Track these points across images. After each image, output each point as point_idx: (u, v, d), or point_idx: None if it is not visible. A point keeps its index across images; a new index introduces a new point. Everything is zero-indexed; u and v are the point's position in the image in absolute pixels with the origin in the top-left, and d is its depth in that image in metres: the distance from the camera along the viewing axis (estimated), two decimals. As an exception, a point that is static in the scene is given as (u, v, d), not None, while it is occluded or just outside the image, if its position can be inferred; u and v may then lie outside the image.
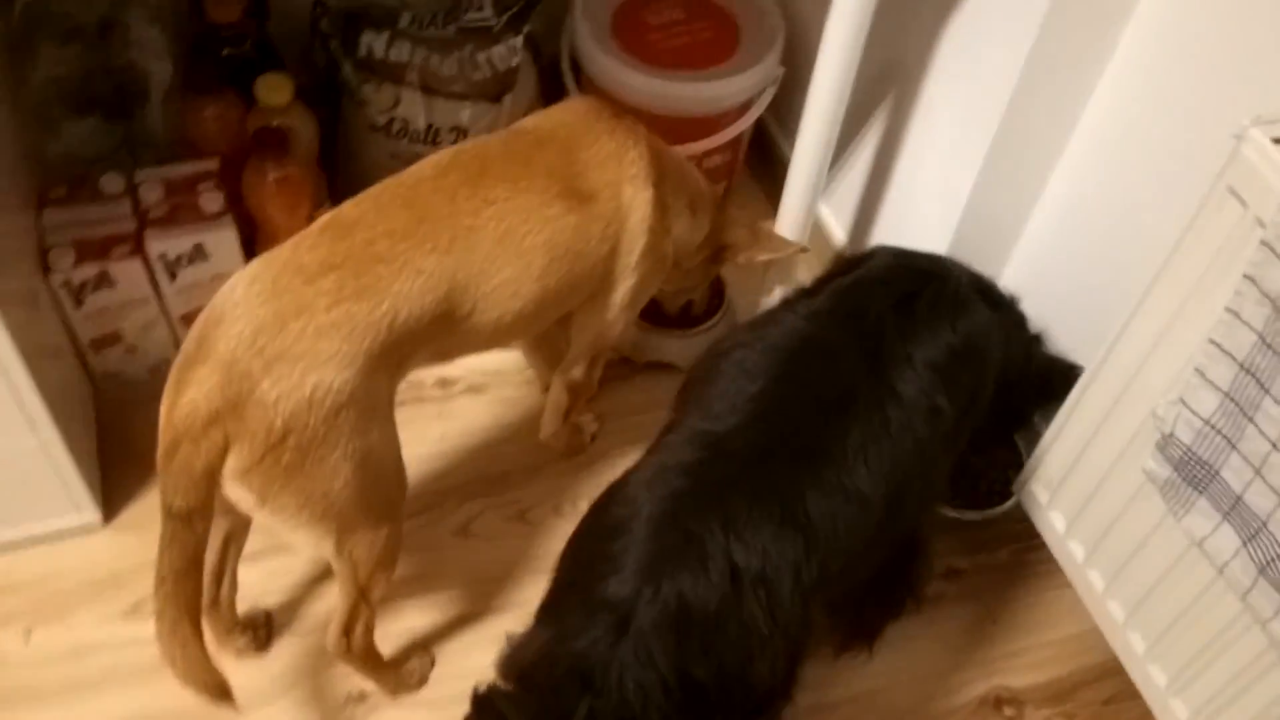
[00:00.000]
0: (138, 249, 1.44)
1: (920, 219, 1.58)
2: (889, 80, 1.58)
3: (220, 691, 1.07)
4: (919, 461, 1.06)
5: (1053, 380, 1.34)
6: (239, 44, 1.58)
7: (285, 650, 1.38)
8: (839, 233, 1.80)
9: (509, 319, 1.13)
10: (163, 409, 0.99)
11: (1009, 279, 1.53)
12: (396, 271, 1.03)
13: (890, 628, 1.40)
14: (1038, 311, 1.45)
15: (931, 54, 1.46)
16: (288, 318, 0.97)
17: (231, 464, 0.98)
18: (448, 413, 1.62)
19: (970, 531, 1.54)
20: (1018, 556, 1.55)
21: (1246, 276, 0.98)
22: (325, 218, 1.06)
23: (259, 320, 0.97)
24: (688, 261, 1.42)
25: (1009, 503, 1.48)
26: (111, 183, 1.49)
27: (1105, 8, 1.21)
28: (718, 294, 1.71)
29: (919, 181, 1.58)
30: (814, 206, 1.55)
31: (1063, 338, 1.44)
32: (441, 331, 1.08)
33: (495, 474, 1.56)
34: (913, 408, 1.05)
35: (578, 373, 1.37)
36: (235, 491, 1.01)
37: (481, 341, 1.15)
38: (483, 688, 0.98)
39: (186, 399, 0.96)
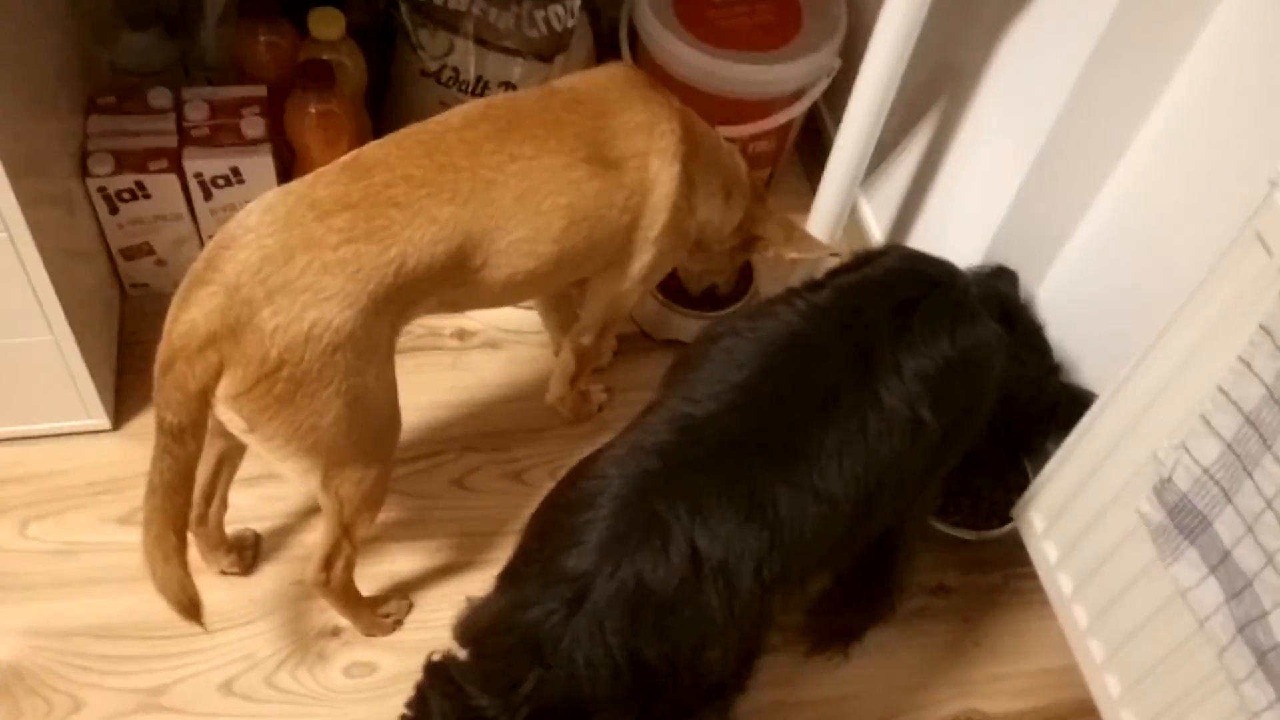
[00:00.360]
0: (175, 165, 1.46)
1: (958, 228, 1.55)
2: (942, 83, 1.55)
3: (191, 609, 1.09)
4: (895, 471, 1.04)
5: (1065, 408, 1.31)
6: (297, -26, 1.59)
7: (269, 575, 1.40)
8: (877, 232, 1.77)
9: (521, 277, 1.13)
10: (166, 323, 1.01)
11: (1040, 302, 1.49)
12: (410, 218, 1.03)
13: (870, 636, 1.40)
14: (1065, 338, 1.42)
15: (986, 62, 1.43)
16: (295, 250, 0.98)
17: (224, 388, 0.99)
18: (461, 364, 1.63)
19: (966, 550, 1.52)
20: (1011, 581, 1.53)
21: (1262, 327, 0.95)
22: (348, 156, 1.07)
23: (266, 249, 0.98)
24: (717, 246, 1.41)
25: (1006, 527, 1.45)
26: (159, 97, 1.51)
27: (1163, 38, 1.17)
28: (745, 278, 1.70)
29: (960, 190, 1.55)
30: (850, 201, 1.53)
31: (1087, 367, 1.41)
32: (451, 282, 1.08)
33: (499, 431, 1.57)
34: (893, 417, 1.03)
35: (587, 340, 1.37)
36: (226, 415, 1.02)
37: (492, 297, 1.15)
38: (437, 656, 0.99)
39: (187, 317, 0.98)
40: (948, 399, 1.07)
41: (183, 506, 1.06)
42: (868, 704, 1.41)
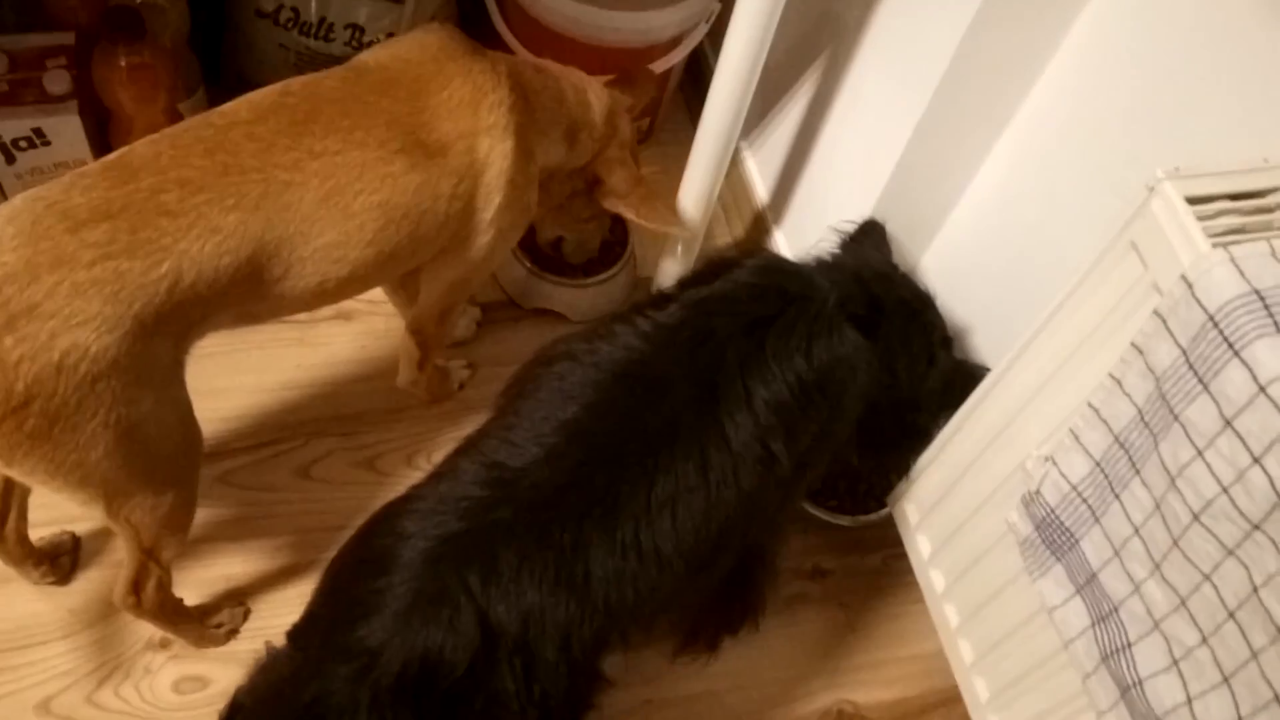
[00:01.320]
0: (-33, 127, 1.30)
1: (844, 187, 1.46)
2: (825, 35, 1.43)
3: None
4: (742, 512, 0.96)
5: (957, 385, 1.23)
6: (112, -98, 1.40)
7: (90, 582, 1.29)
8: (762, 190, 1.66)
9: (333, 284, 1.01)
10: None
11: (928, 267, 1.41)
12: (185, 228, 0.90)
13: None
14: (956, 308, 1.34)
15: (869, 15, 1.32)
16: (41, 269, 0.85)
17: None
18: (310, 339, 1.50)
19: (844, 530, 1.46)
20: (889, 564, 1.47)
21: (1134, 345, 0.87)
22: (112, 155, 0.93)
23: (7, 268, 0.85)
24: (557, 188, 1.29)
25: (884, 511, 1.39)
26: (-50, 47, 1.34)
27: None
28: (620, 242, 1.59)
29: (845, 148, 1.45)
30: (727, 154, 1.41)
31: (979, 340, 1.34)
32: (246, 296, 0.96)
33: (350, 413, 1.46)
34: (741, 455, 0.93)
35: (429, 327, 1.25)
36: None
37: (302, 305, 1.03)
38: (226, 710, 0.90)
39: None
40: (803, 427, 0.98)
41: None
42: (737, 698, 1.36)
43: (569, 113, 1.21)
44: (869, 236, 1.24)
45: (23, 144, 1.34)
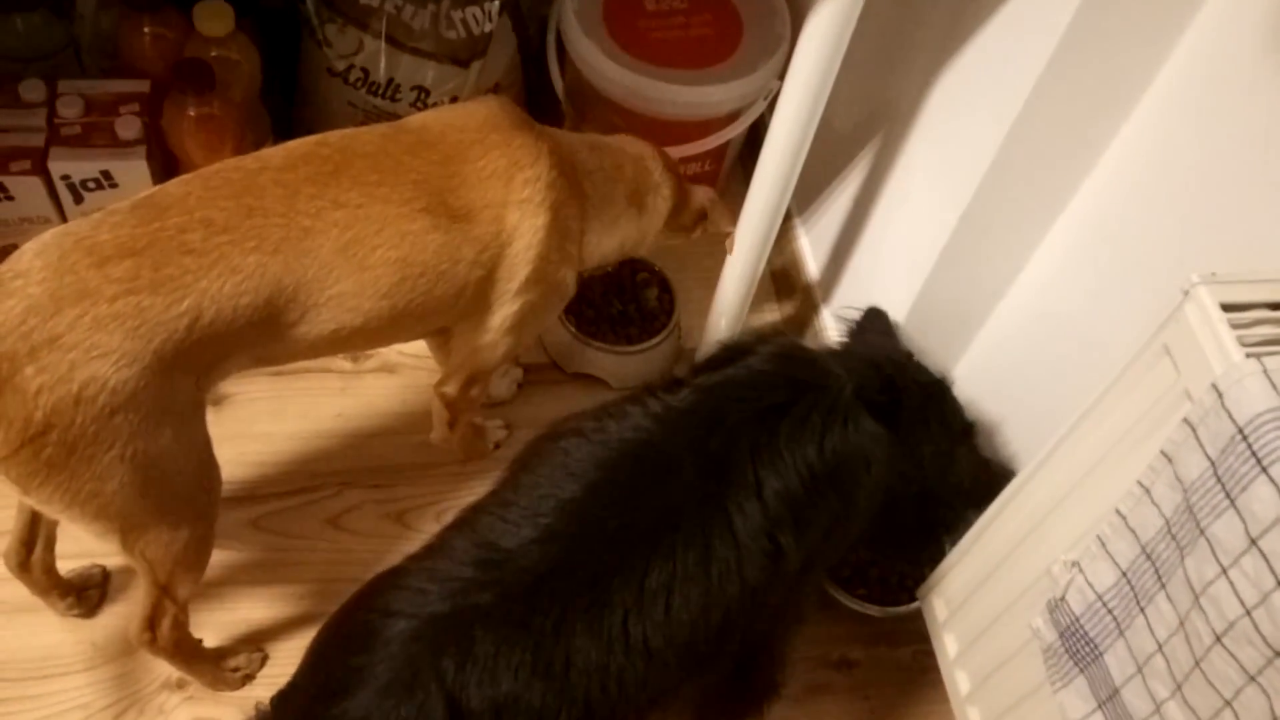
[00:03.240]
0: (40, 166, 1.35)
1: (892, 270, 1.44)
2: (880, 118, 1.43)
3: None
4: (745, 606, 0.93)
5: (982, 484, 1.20)
6: (194, -41, 1.47)
7: (116, 616, 1.30)
8: (813, 266, 1.65)
9: (347, 333, 1.02)
10: None
11: (971, 359, 1.38)
12: (207, 267, 0.92)
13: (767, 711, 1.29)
14: (991, 401, 1.31)
15: (921, 101, 1.31)
16: (65, 302, 0.87)
17: None
18: (353, 389, 1.52)
19: (874, 621, 1.42)
20: (919, 659, 1.43)
21: (1163, 453, 0.84)
22: (143, 194, 0.96)
23: (32, 299, 0.87)
24: (664, 238, 1.34)
25: (912, 605, 1.35)
26: (32, 90, 1.40)
27: (1097, 103, 1.06)
28: (666, 311, 1.59)
29: (891, 237, 1.44)
30: (771, 232, 1.39)
31: (1014, 434, 1.30)
32: (263, 337, 0.98)
33: (384, 466, 1.47)
34: (747, 548, 0.91)
35: (451, 389, 1.26)
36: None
37: (316, 351, 1.04)
38: None
39: None
40: (814, 519, 0.95)
41: None
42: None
43: (629, 185, 1.23)
44: (875, 323, 1.22)
45: (91, 185, 1.38)
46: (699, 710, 1.14)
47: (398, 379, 1.54)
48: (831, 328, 1.60)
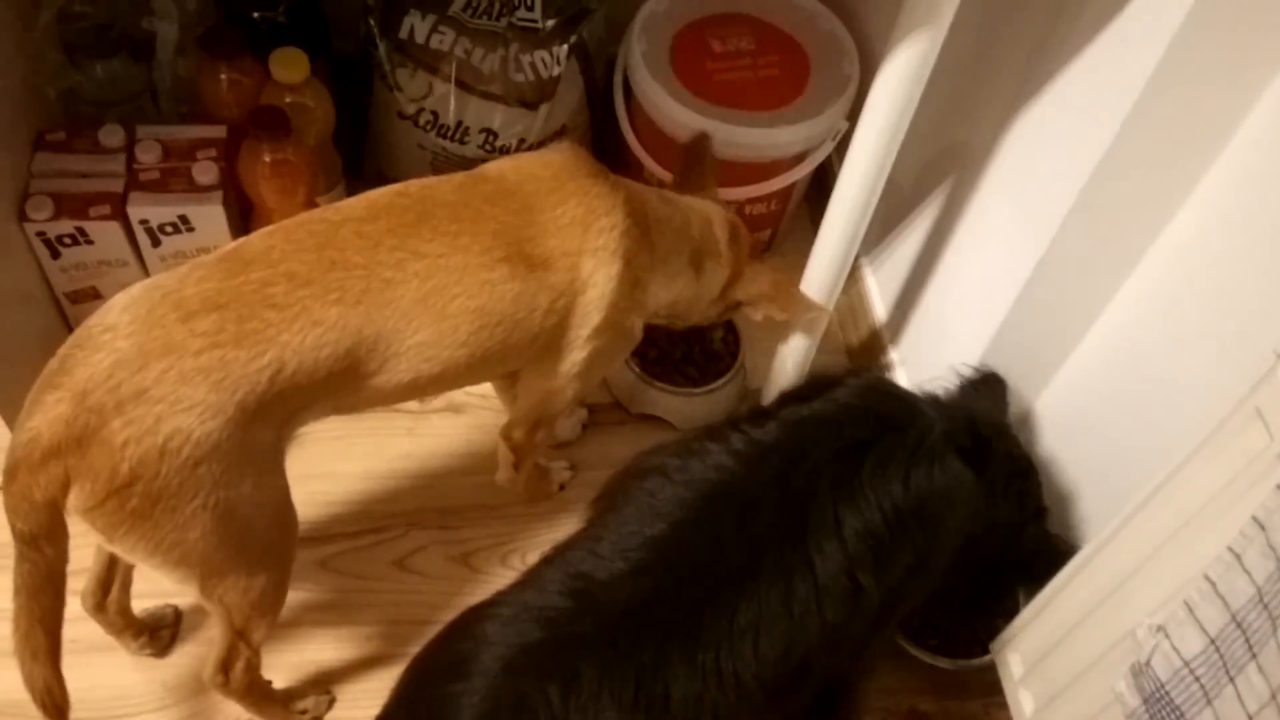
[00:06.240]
0: (119, 211, 1.38)
1: (962, 316, 1.42)
2: (953, 160, 1.41)
3: (55, 712, 1.01)
4: (825, 644, 0.92)
5: (1041, 562, 1.17)
6: (271, 7, 1.49)
7: (187, 656, 1.32)
8: (880, 309, 1.64)
9: (424, 381, 1.03)
10: (16, 426, 0.92)
11: (1041, 414, 1.35)
12: (290, 320, 0.93)
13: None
14: (1063, 462, 1.28)
15: (997, 144, 1.29)
16: (151, 355, 0.89)
17: (73, 500, 0.90)
18: (420, 430, 1.53)
19: (946, 671, 1.39)
20: (991, 711, 1.39)
21: (1255, 520, 0.81)
22: (230, 246, 0.97)
23: (120, 353, 0.89)
24: (700, 317, 1.31)
25: (985, 658, 1.32)
26: (111, 135, 1.43)
27: (1182, 148, 1.03)
28: (731, 353, 1.58)
29: (964, 280, 1.41)
30: (841, 275, 1.38)
31: (1086, 496, 1.27)
32: (342, 387, 0.99)
33: (451, 507, 1.47)
34: (827, 587, 0.90)
35: (518, 434, 1.26)
36: (82, 525, 0.93)
37: (392, 399, 1.05)
38: None
39: (31, 424, 0.89)
40: (895, 559, 0.94)
41: (50, 607, 0.98)
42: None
43: (692, 243, 1.22)
44: (988, 388, 1.20)
45: (168, 229, 1.41)
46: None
47: (464, 419, 1.55)
48: (899, 370, 1.58)
